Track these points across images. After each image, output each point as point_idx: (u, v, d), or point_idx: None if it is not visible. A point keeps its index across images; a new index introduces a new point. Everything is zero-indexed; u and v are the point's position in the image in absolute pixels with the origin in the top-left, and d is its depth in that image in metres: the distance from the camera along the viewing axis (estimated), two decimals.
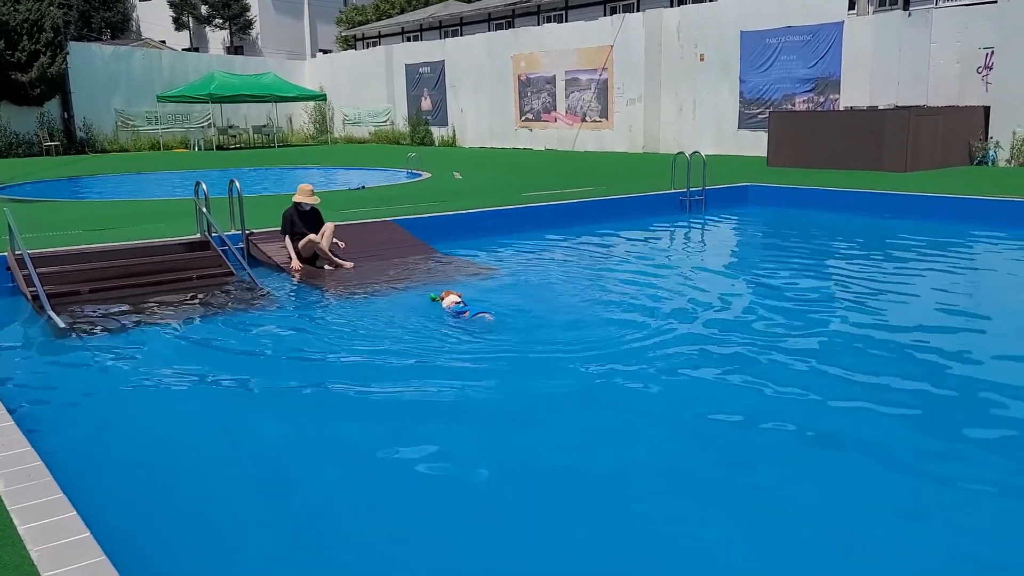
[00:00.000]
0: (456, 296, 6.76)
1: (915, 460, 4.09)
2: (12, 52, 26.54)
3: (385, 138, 31.84)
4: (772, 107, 19.79)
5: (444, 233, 10.18)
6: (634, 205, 12.31)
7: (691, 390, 5.12)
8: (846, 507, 3.59)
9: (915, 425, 4.56)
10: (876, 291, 7.62)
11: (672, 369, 5.44)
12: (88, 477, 3.82)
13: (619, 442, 4.38)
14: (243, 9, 44.21)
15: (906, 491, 3.76)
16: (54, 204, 13.67)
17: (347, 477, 4.02)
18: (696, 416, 4.71)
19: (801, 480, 3.89)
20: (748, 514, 3.57)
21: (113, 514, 3.44)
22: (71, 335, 6.36)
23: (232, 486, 3.94)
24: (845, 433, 4.40)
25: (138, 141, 30.44)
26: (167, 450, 4.34)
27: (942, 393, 5.03)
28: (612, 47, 23.51)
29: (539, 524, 3.53)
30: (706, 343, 5.98)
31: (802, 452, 4.23)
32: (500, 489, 3.88)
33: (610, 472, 4.01)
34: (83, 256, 8.10)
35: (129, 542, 3.19)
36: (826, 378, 5.25)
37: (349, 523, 3.57)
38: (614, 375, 5.30)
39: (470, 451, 4.27)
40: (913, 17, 17.95)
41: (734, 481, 3.90)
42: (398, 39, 38.59)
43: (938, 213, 11.33)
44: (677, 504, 3.69)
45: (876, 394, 4.92)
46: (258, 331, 6.60)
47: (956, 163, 15.90)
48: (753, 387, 5.06)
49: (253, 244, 9.15)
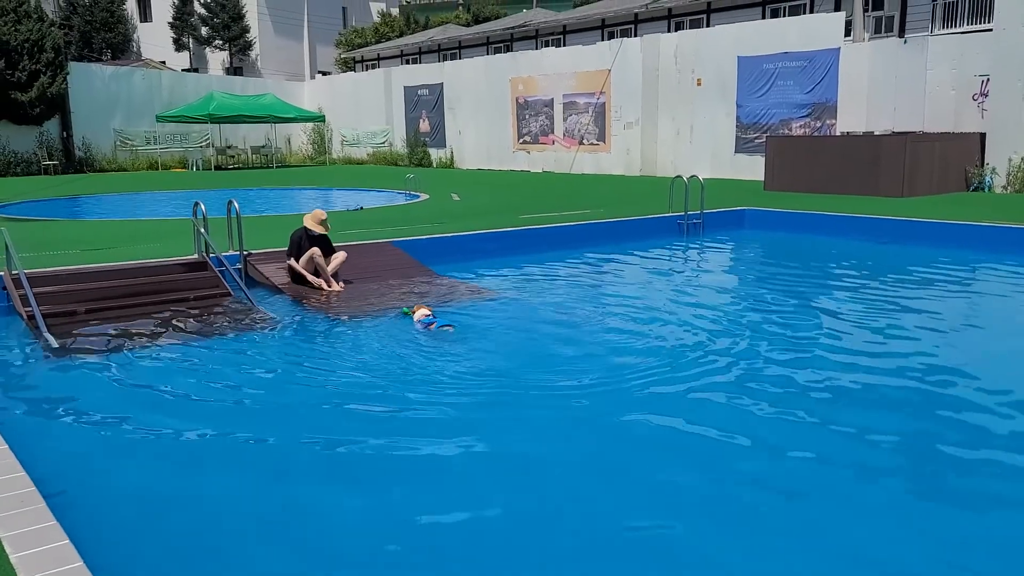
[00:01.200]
0: (427, 310, 7.19)
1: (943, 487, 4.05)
2: (12, 72, 26.64)
3: (383, 159, 31.95)
4: (769, 132, 19.91)
5: (442, 255, 10.17)
6: (632, 228, 12.33)
7: (691, 414, 5.08)
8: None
9: (916, 451, 4.53)
10: (872, 317, 7.60)
11: (673, 394, 5.40)
12: (81, 503, 3.76)
13: (621, 472, 4.33)
14: (243, 30, 44.51)
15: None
16: (52, 223, 13.65)
17: (341, 501, 3.97)
18: (701, 441, 4.66)
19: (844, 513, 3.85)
20: (751, 532, 3.53)
21: (106, 542, 3.38)
22: (66, 356, 6.30)
23: (229, 512, 3.88)
24: (836, 455, 4.36)
25: (136, 160, 30.50)
26: (162, 475, 4.28)
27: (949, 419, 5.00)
28: (610, 71, 23.67)
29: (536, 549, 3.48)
30: (706, 367, 5.95)
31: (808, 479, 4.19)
32: (507, 521, 3.83)
33: (608, 498, 3.96)
34: (80, 276, 8.06)
35: (121, 570, 3.13)
36: (827, 404, 5.21)
37: (354, 545, 3.52)
38: (611, 400, 5.26)
39: (466, 477, 4.22)
40: (909, 44, 18.13)
41: (735, 500, 3.86)
42: (397, 61, 38.88)
43: (935, 238, 11.36)
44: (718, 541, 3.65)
45: (870, 422, 4.89)
46: (255, 353, 6.55)
47: (953, 189, 15.98)
48: (757, 411, 5.02)
49: (251, 265, 9.12)
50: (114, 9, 43.98)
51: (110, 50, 43.31)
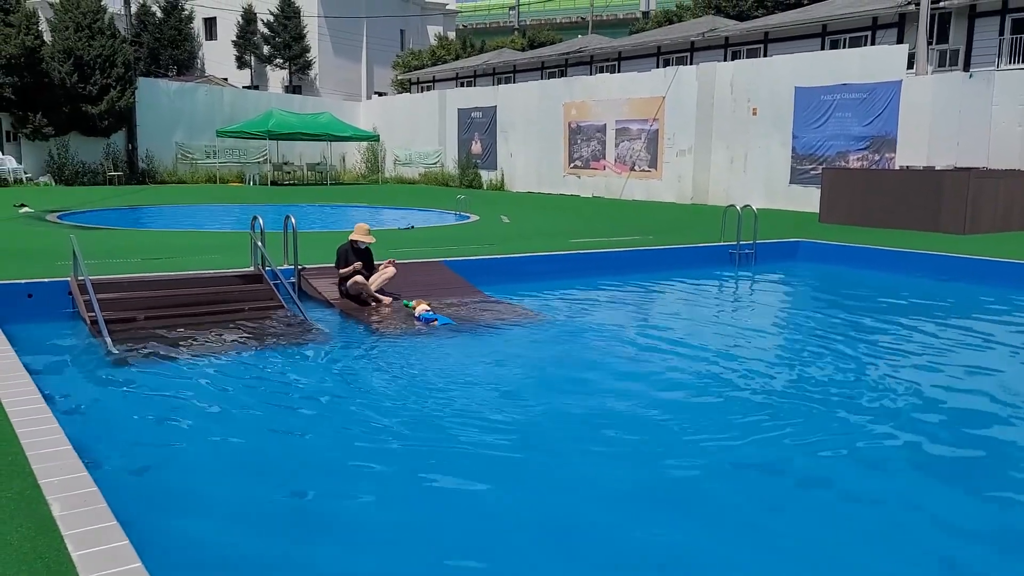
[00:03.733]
0: (427, 305, 8.12)
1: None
2: (84, 85, 27.73)
3: (434, 180, 32.30)
4: (825, 163, 19.61)
5: (490, 276, 10.20)
6: (683, 256, 12.22)
7: (743, 449, 4.98)
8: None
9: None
10: (927, 356, 7.38)
11: (723, 427, 5.31)
12: (140, 505, 3.84)
13: (671, 504, 4.26)
14: (303, 50, 45.63)
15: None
16: (115, 232, 14.09)
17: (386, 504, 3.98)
18: (761, 473, 4.57)
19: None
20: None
21: (163, 544, 3.44)
22: (126, 361, 6.47)
23: (280, 517, 3.92)
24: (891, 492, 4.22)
25: (196, 173, 31.38)
26: (216, 480, 4.35)
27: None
28: (664, 98, 23.64)
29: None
30: (755, 399, 5.84)
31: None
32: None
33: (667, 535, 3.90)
34: (141, 284, 8.29)
35: (177, 573, 3.18)
36: (883, 441, 5.07)
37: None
38: (656, 428, 5.19)
39: (506, 503, 4.20)
40: (974, 78, 17.73)
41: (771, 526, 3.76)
42: (452, 84, 39.41)
43: (998, 277, 11.01)
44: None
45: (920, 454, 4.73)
46: (307, 366, 6.65)
47: (1017, 228, 15.51)
48: (807, 448, 4.91)
49: (304, 279, 9.28)
50: (182, 27, 45.56)
51: (176, 66, 44.81)
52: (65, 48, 27.43)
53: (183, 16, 45.67)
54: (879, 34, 25.69)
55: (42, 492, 3.27)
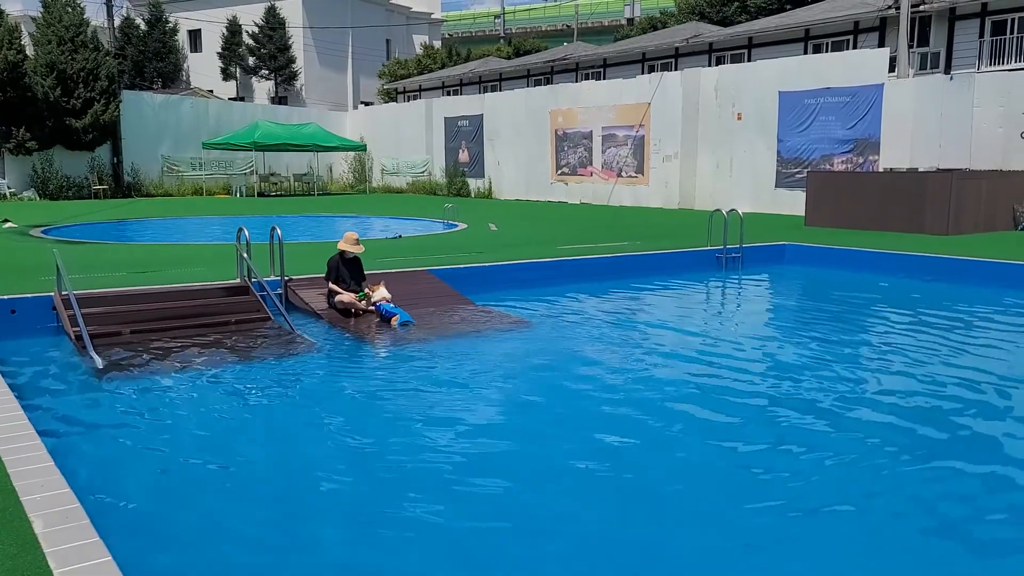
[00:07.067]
0: (386, 293, 7.77)
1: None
2: (68, 99, 27.60)
3: (422, 188, 32.31)
4: (810, 167, 19.75)
5: (479, 283, 10.20)
6: (671, 261, 12.26)
7: (732, 457, 4.99)
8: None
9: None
10: (912, 356, 7.42)
11: (712, 432, 5.31)
12: (124, 521, 3.80)
13: (656, 511, 4.26)
14: (289, 61, 45.62)
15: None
16: (100, 246, 14.00)
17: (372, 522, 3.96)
18: (747, 478, 4.58)
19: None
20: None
21: (147, 560, 3.41)
22: (111, 376, 6.42)
23: (268, 533, 3.89)
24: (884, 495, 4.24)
25: (182, 186, 31.27)
26: (201, 496, 4.32)
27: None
28: (650, 104, 23.76)
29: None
30: (744, 401, 5.85)
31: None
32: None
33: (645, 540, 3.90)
34: (126, 298, 8.23)
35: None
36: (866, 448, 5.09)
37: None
38: (646, 434, 5.19)
39: (500, 509, 4.19)
40: (955, 81, 17.92)
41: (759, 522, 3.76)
42: (438, 93, 39.47)
43: (981, 277, 11.10)
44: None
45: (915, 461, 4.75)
46: (294, 378, 6.61)
47: (1000, 227, 15.65)
48: (793, 453, 4.92)
49: (291, 290, 9.24)
50: (166, 40, 45.41)
51: (161, 79, 44.64)
52: (48, 62, 27.31)
53: (167, 28, 45.53)
54: (861, 38, 25.93)
55: (24, 509, 3.24)
